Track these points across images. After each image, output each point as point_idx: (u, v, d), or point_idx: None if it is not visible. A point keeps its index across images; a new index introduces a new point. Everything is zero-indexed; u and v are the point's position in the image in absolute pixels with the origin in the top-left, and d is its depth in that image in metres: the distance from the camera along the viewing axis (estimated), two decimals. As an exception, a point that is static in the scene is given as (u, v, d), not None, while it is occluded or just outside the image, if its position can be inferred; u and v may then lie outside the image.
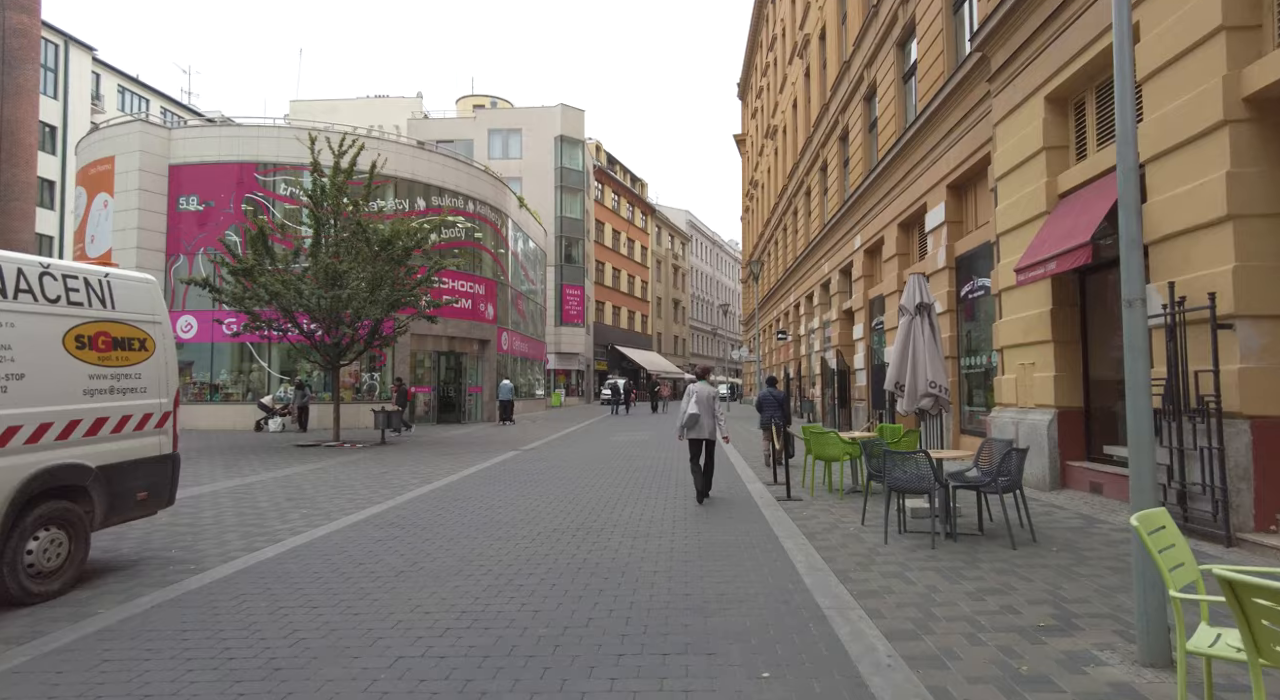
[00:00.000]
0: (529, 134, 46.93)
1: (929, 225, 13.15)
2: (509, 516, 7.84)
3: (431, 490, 9.93)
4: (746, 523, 7.23)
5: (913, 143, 13.81)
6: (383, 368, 23.68)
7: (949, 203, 12.35)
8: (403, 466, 12.83)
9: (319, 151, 17.42)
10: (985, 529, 6.49)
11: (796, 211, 28.13)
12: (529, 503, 8.74)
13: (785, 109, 30.51)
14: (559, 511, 8.10)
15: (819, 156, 23.25)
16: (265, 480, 11.12)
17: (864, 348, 17.93)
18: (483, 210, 27.59)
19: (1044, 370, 8.66)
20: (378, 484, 10.62)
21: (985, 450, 6.80)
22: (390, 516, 7.97)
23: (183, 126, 24.56)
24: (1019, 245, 9.06)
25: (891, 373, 7.56)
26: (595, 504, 8.58)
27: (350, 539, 6.81)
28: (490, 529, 7.17)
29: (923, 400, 7.33)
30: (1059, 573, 5.12)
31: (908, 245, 15.19)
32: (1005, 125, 9.57)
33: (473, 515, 7.94)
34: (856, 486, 9.18)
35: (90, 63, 44.67)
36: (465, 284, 26.21)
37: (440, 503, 8.83)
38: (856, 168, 18.37)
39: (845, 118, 19.68)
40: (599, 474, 11.48)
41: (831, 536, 6.50)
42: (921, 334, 7.37)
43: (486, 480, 10.90)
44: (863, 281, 18.05)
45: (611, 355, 56.52)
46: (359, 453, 15.49)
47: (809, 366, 26.12)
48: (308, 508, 8.64)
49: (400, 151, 24.41)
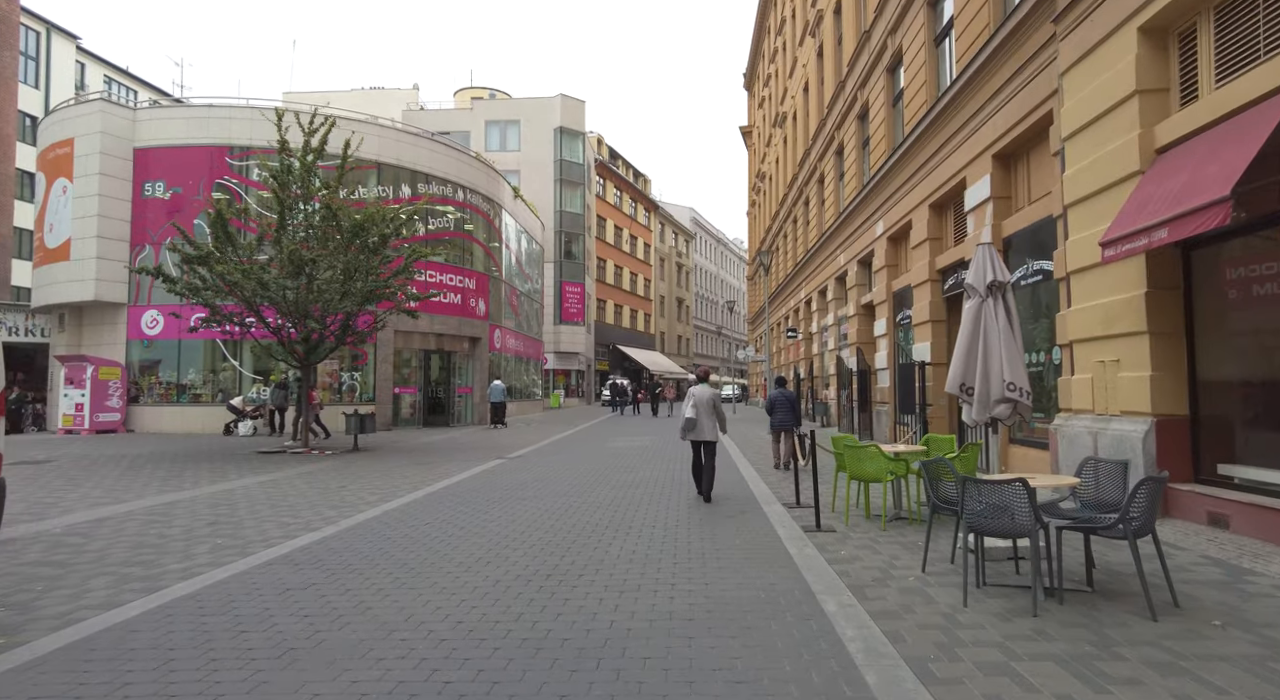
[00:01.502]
0: (527, 126, 45.33)
1: (969, 203, 11.47)
2: (466, 553, 6.19)
3: (385, 512, 8.30)
4: (768, 567, 5.57)
5: (948, 111, 12.13)
6: (364, 367, 22.06)
7: (995, 175, 10.67)
8: (365, 479, 11.20)
9: (286, 129, 15.83)
10: (1095, 582, 4.81)
11: (808, 201, 26.44)
12: (497, 531, 7.10)
13: (795, 94, 28.82)
14: (531, 545, 6.46)
15: (834, 139, 21.55)
16: (199, 496, 9.50)
17: (887, 345, 16.24)
18: (474, 200, 25.96)
19: (1134, 369, 6.98)
20: (327, 503, 8.99)
21: (1092, 475, 5.13)
22: (319, 551, 6.33)
23: (149, 107, 22.98)
24: (1098, 216, 7.39)
25: (955, 372, 5.88)
26: (579, 533, 6.93)
27: (251, 588, 5.17)
28: (436, 573, 5.53)
29: (997, 407, 5.66)
30: (1251, 671, 3.43)
31: (940, 228, 13.50)
32: (1078, 72, 7.89)
33: (421, 550, 6.30)
34: (900, 513, 7.50)
35: (74, 52, 43.19)
36: (454, 277, 24.57)
37: (389, 530, 7.19)
38: (878, 147, 16.69)
39: (865, 93, 17.99)
40: (589, 490, 9.83)
41: (887, 592, 4.83)
42: (995, 321, 5.70)
43: (455, 498, 9.26)
44: (885, 272, 16.36)
45: (613, 355, 54.86)
46: (325, 461, 13.87)
47: (822, 366, 24.42)
48: (226, 536, 7.02)
49: (384, 135, 22.80)
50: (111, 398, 19.79)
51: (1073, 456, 7.76)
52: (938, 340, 13.36)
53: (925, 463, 5.33)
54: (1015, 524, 4.37)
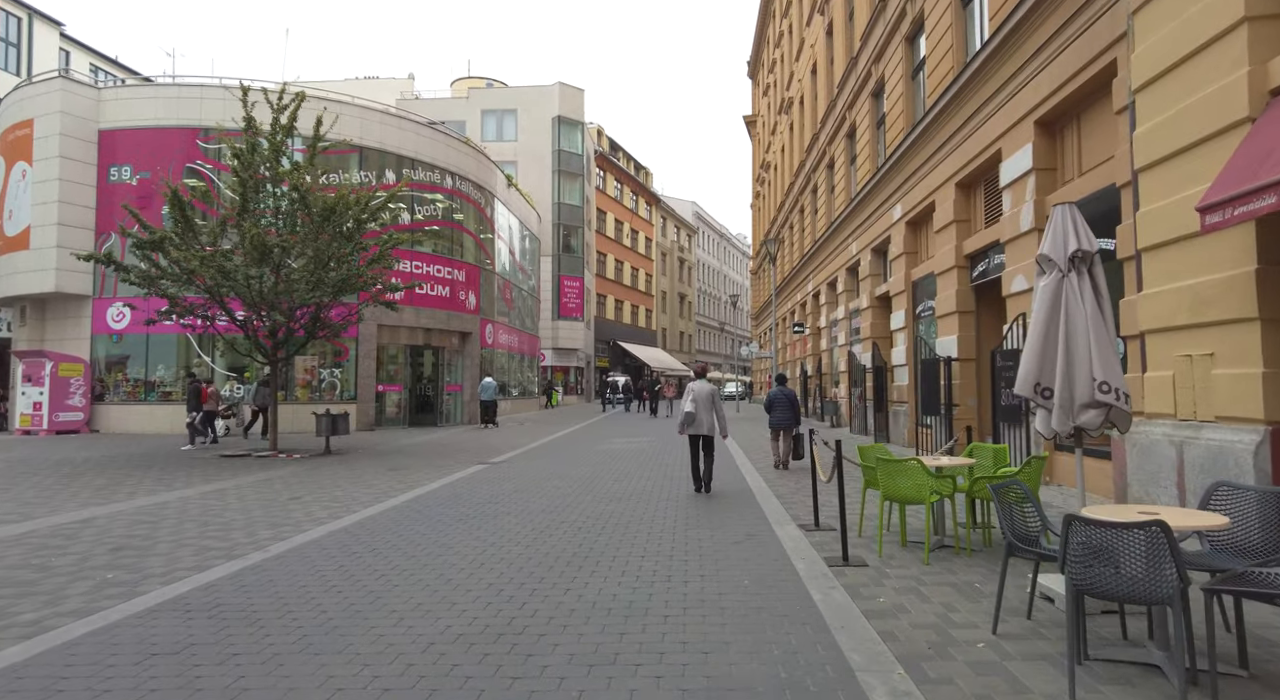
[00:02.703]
0: (525, 115, 43.97)
1: (1006, 178, 10.14)
2: (404, 596, 4.91)
3: (331, 532, 7.02)
4: (787, 623, 4.28)
5: (979, 76, 10.80)
6: (345, 363, 20.79)
7: (1039, 144, 9.33)
8: (325, 488, 9.93)
9: (253, 105, 14.57)
10: (1250, 661, 3.50)
11: (816, 188, 25.09)
12: (451, 562, 5.81)
13: (802, 77, 27.45)
14: (488, 586, 5.17)
15: (845, 121, 20.20)
16: (122, 512, 8.23)
17: (905, 339, 14.92)
18: (464, 187, 24.64)
19: (1235, 365, 5.67)
20: (268, 520, 7.72)
21: (1225, 505, 3.82)
22: (226, 590, 5.06)
23: (113, 86, 21.71)
24: (1184, 178, 6.08)
25: (1028, 369, 4.57)
26: (550, 567, 5.64)
27: (106, 652, 3.89)
28: (358, 629, 4.24)
29: (1085, 414, 4.35)
30: None
31: (968, 209, 12.17)
32: (1155, 8, 6.56)
33: (351, 591, 5.02)
34: (944, 539, 6.18)
35: (58, 38, 41.95)
36: (442, 269, 23.28)
37: (324, 561, 5.91)
38: (895, 124, 15.35)
39: (880, 68, 16.64)
40: (573, 504, 8.54)
41: (954, 669, 3.53)
42: (1080, 302, 4.40)
43: (416, 515, 7.98)
44: (904, 260, 15.03)
45: (613, 351, 53.57)
46: (290, 466, 12.61)
47: (831, 362, 23.10)
48: (125, 567, 5.75)
49: (366, 117, 21.49)
50: (73, 396, 18.55)
51: (1148, 471, 6.46)
52: (965, 334, 12.05)
53: (997, 487, 4.03)
54: (1147, 583, 3.06)
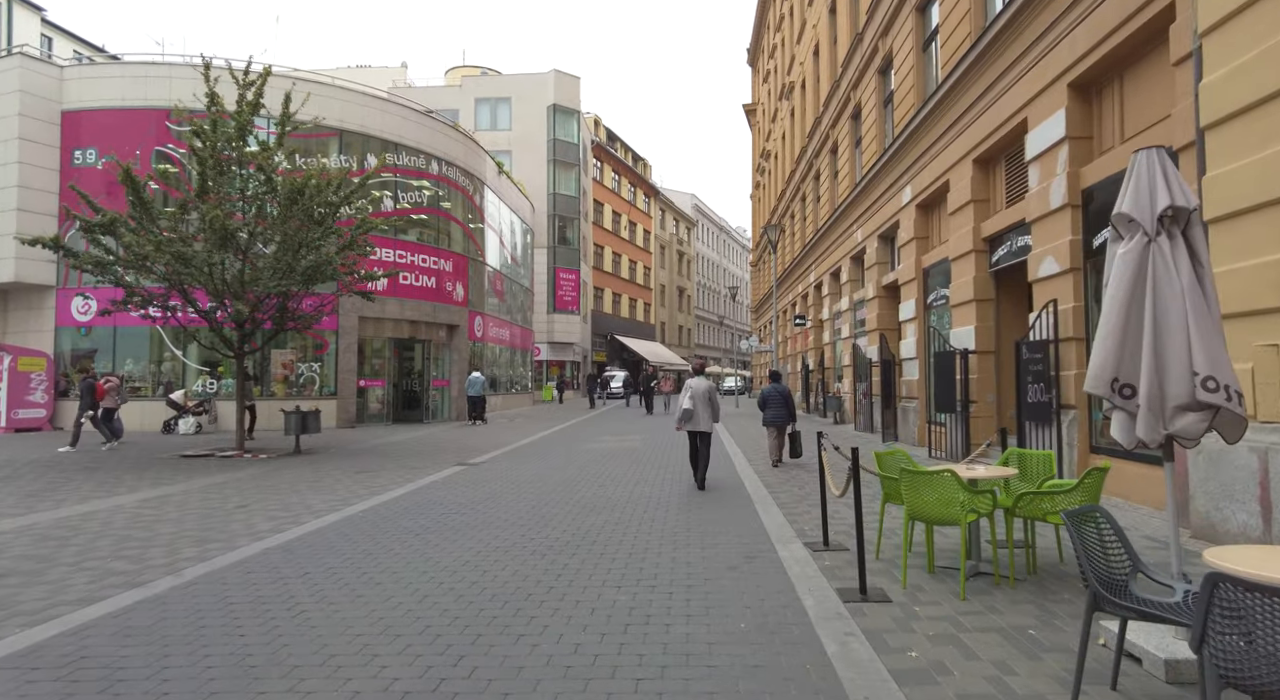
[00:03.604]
0: (519, 103, 42.88)
1: (1033, 150, 9.11)
2: (318, 642, 3.92)
3: (266, 549, 6.04)
4: (794, 689, 3.29)
5: (1001, 39, 9.77)
6: (324, 356, 19.79)
7: (1073, 109, 8.32)
8: (278, 495, 8.95)
9: (216, 80, 13.55)
10: None
11: (819, 175, 24.04)
12: (390, 593, 4.82)
13: (804, 60, 26.37)
14: (422, 631, 4.18)
15: (849, 101, 19.15)
16: (39, 524, 7.24)
17: (915, 331, 13.92)
18: (450, 173, 23.58)
19: (1335, 356, 4.68)
20: (201, 534, 6.74)
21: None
22: (103, 633, 4.08)
23: (77, 64, 20.65)
24: (1266, 133, 5.08)
25: (1103, 361, 3.55)
26: (503, 604, 4.65)
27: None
28: (241, 697, 3.27)
29: (1181, 419, 3.35)
30: None
31: (987, 188, 11.16)
32: (1227, -66, 5.55)
33: (257, 636, 4.02)
34: (981, 565, 5.17)
35: (39, 24, 40.83)
36: (428, 258, 22.26)
37: (241, 588, 4.92)
38: (905, 100, 14.31)
39: (888, 42, 15.60)
40: (548, 515, 7.56)
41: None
42: (1173, 275, 3.40)
43: (370, 527, 6.99)
44: (914, 246, 14.02)
45: (611, 345, 52.59)
46: (253, 467, 11.64)
47: (835, 356, 22.10)
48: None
49: (347, 99, 20.43)
50: (34, 392, 17.58)
51: (1219, 483, 5.47)
52: (983, 323, 11.07)
53: (1073, 515, 3.04)
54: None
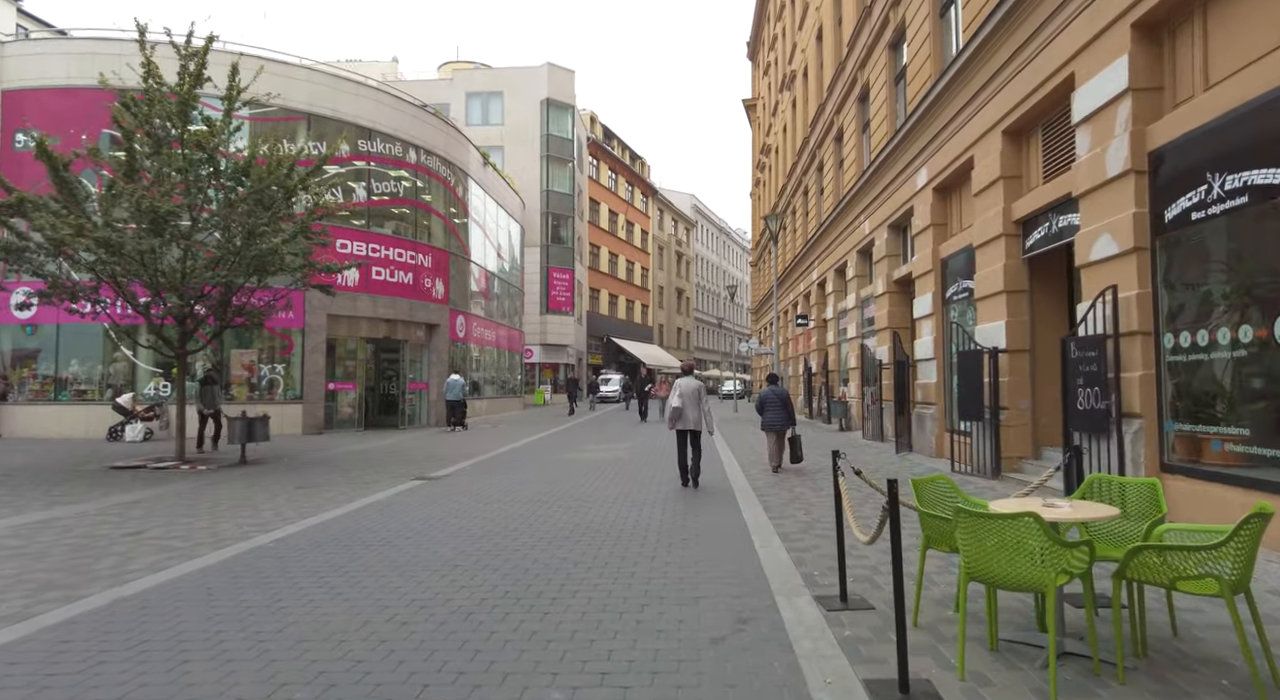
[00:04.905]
0: (512, 97, 41.58)
1: (1082, 110, 7.69)
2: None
3: (140, 591, 4.62)
4: None
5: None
6: (289, 357, 18.35)
7: (1137, 55, 6.90)
8: (193, 517, 7.51)
9: (153, 48, 12.23)
10: None
11: (822, 166, 22.64)
12: (257, 670, 3.35)
13: (806, 47, 25.02)
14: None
15: (856, 82, 17.76)
16: None
17: (932, 328, 12.49)
18: (429, 163, 22.16)
19: None
20: (62, 570, 5.31)
21: None
22: None
23: (18, 40, 19.28)
24: None
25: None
26: (400, 684, 3.21)
27: None
28: None
29: None
30: None
31: (1019, 164, 9.73)
32: None
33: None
34: (1064, 642, 3.69)
35: (15, 14, 39.51)
36: (404, 253, 20.83)
37: (69, 657, 3.47)
38: (920, 73, 12.91)
39: (899, 13, 14.22)
40: (499, 546, 6.10)
41: None
42: None
43: (279, 562, 5.54)
44: (930, 234, 12.60)
45: (607, 348, 51.16)
46: (185, 481, 10.23)
47: (839, 357, 20.66)
48: None
49: (314, 79, 19.05)
50: (-32, 395, 16.15)
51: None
52: (1015, 318, 9.64)
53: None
54: None
